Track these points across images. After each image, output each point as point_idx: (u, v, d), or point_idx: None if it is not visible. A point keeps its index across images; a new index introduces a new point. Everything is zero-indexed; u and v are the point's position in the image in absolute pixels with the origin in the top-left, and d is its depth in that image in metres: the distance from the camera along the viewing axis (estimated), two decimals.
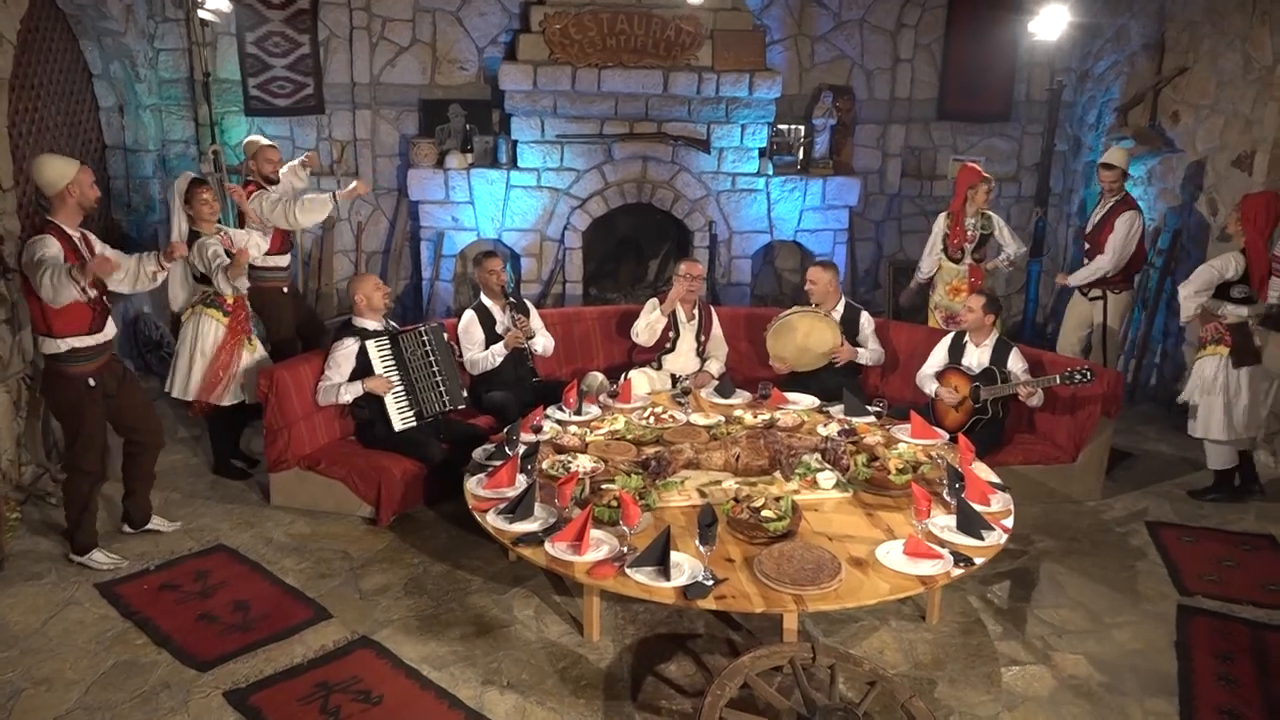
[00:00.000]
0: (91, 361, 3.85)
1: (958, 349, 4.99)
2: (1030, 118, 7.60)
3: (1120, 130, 6.80)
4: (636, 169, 6.75)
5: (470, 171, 6.64)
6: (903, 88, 7.40)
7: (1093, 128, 7.30)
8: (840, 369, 5.27)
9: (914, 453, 4.14)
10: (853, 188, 7.03)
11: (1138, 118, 6.76)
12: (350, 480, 4.38)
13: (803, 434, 4.47)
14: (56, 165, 3.76)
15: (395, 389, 4.49)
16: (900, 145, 7.53)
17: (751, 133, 6.78)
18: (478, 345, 5.02)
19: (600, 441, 4.28)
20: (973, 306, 4.85)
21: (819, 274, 5.26)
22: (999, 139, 7.67)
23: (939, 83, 7.40)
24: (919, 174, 7.63)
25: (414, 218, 6.93)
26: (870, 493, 3.87)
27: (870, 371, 5.54)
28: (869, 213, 7.62)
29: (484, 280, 5.06)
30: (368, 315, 4.55)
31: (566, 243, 6.82)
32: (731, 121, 6.71)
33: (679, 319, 5.29)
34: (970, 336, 4.94)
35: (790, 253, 7.53)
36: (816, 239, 7.13)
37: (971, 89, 7.40)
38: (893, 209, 7.67)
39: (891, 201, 7.65)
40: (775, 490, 3.81)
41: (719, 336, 5.44)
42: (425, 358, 4.56)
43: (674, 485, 3.88)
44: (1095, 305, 5.80)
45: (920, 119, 7.51)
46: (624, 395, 4.91)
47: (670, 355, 5.31)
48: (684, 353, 5.29)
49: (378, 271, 7.00)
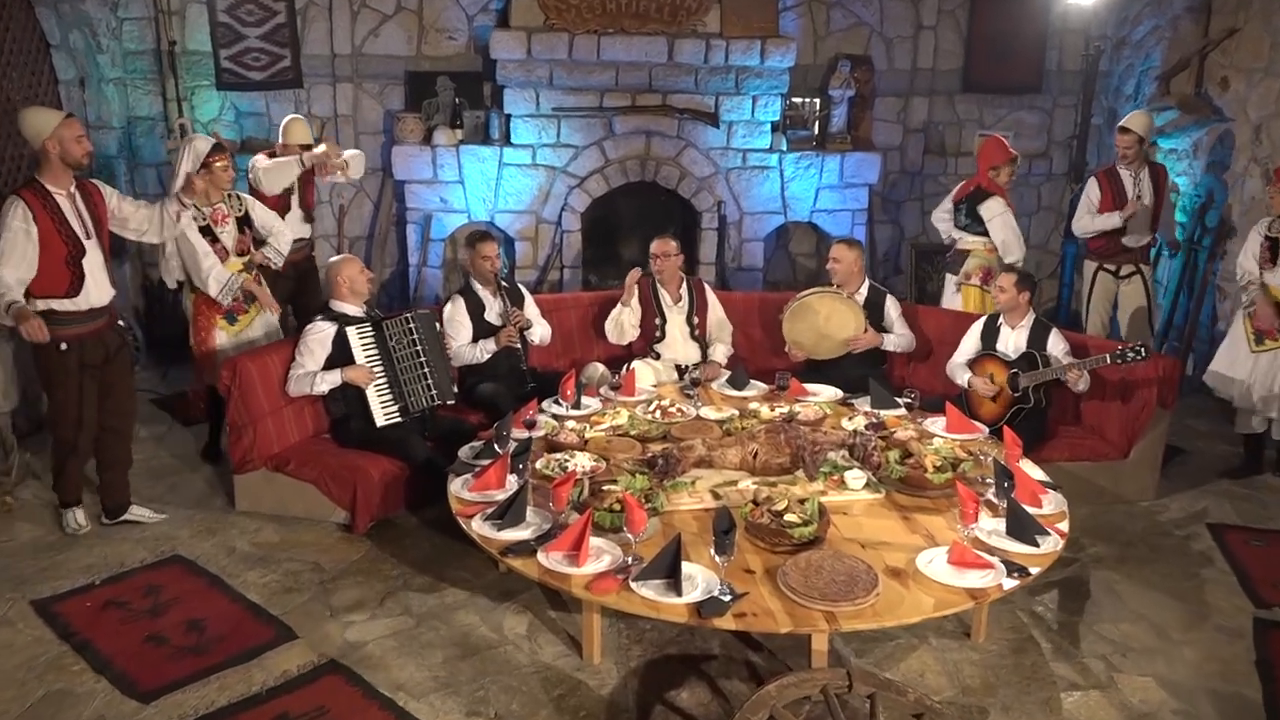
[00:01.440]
0: (69, 327, 3.76)
1: (991, 333, 4.72)
2: (1062, 89, 7.35)
3: (1163, 100, 6.54)
4: (639, 145, 6.57)
5: (460, 149, 6.45)
6: (925, 57, 7.18)
7: (1130, 99, 7.03)
8: (864, 357, 5.03)
9: (951, 448, 3.86)
10: (873, 164, 6.82)
11: (1182, 85, 6.49)
12: (323, 483, 4.16)
13: (826, 428, 4.19)
14: (36, 118, 3.68)
15: (378, 380, 4.29)
16: (922, 119, 7.30)
17: (763, 105, 6.60)
18: (464, 335, 4.81)
19: (601, 438, 4.05)
20: (1004, 285, 4.58)
21: (843, 252, 5.02)
22: (1028, 112, 7.42)
23: (964, 52, 7.17)
24: (942, 150, 7.39)
25: (399, 199, 6.73)
26: (905, 493, 3.60)
27: (896, 360, 5.29)
28: (889, 192, 7.40)
29: (476, 266, 4.86)
30: (349, 300, 4.37)
31: (564, 225, 6.65)
32: (742, 93, 6.53)
33: (663, 303, 5.08)
34: (1004, 319, 4.67)
35: (805, 235, 7.33)
36: (834, 220, 6.93)
37: (999, 58, 7.18)
38: (914, 188, 7.44)
39: (913, 180, 7.42)
40: (799, 491, 3.54)
41: (720, 318, 5.21)
42: (411, 347, 4.37)
43: (684, 486, 3.62)
44: (1130, 282, 5.53)
45: (944, 91, 7.28)
46: (627, 387, 4.67)
47: (664, 344, 5.10)
48: (678, 339, 5.10)
49: (361, 258, 6.50)
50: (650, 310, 5.10)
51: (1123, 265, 5.57)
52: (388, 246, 6.90)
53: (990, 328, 4.73)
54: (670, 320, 5.11)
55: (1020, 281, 4.58)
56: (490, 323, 4.88)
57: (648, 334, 5.11)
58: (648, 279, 5.11)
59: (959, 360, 4.78)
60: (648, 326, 5.10)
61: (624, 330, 5.07)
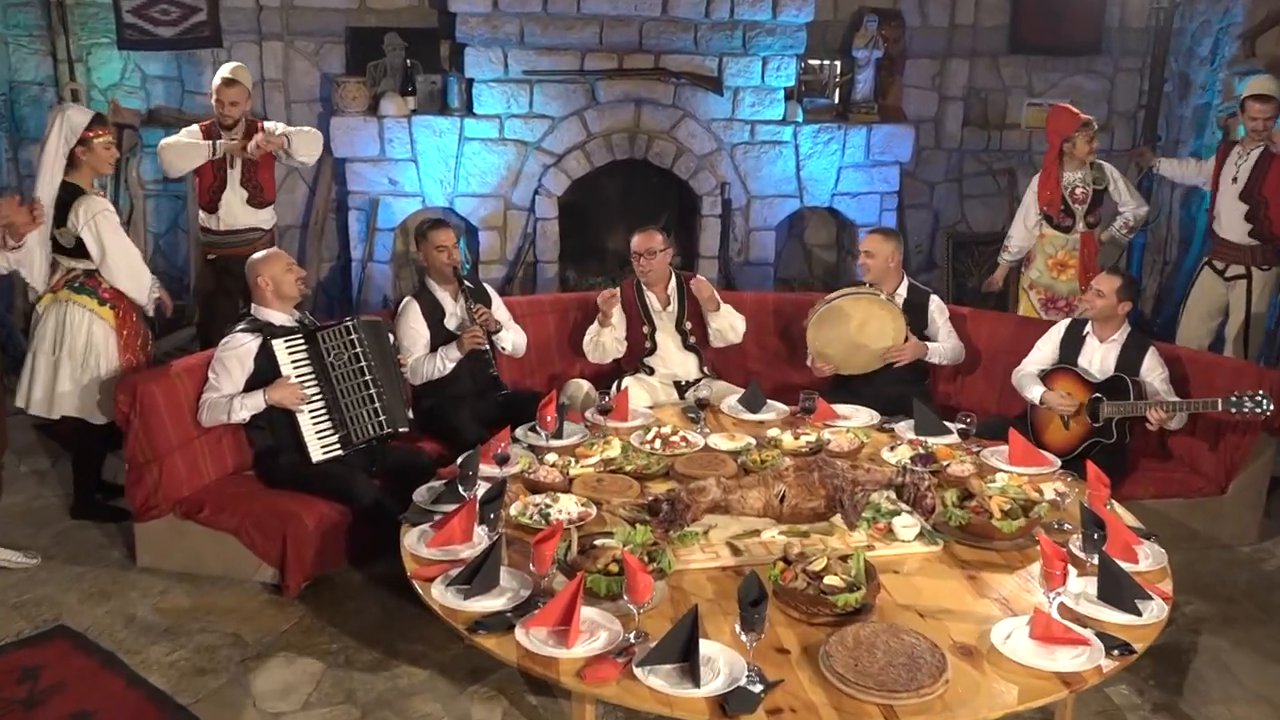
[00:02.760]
0: None
1: (1073, 344, 4.56)
2: (1125, 49, 7.34)
3: (1247, 62, 6.43)
4: (627, 116, 6.54)
5: (412, 120, 6.39)
6: (965, 12, 7.20)
7: (1205, 62, 6.96)
8: (903, 372, 4.90)
9: (1020, 487, 3.67)
10: (904, 138, 6.83)
11: (1270, 45, 6.38)
12: (245, 533, 4.00)
13: (865, 461, 3.99)
14: None
15: (312, 403, 4.14)
16: (962, 86, 7.32)
17: (776, 68, 6.58)
18: (420, 345, 4.67)
19: (589, 476, 3.83)
20: (1103, 290, 4.41)
21: (878, 244, 4.89)
22: (1085, 77, 7.41)
23: (1010, 6, 7.18)
24: (985, 123, 7.38)
25: (340, 181, 6.64)
26: (968, 544, 3.39)
27: (939, 375, 5.17)
28: (922, 171, 7.41)
29: (431, 259, 4.73)
30: (274, 304, 4.23)
31: (538, 211, 6.59)
32: (750, 54, 6.51)
33: (650, 308, 4.98)
34: (1094, 329, 4.51)
35: (823, 223, 7.36)
36: (859, 205, 6.92)
37: (1052, 14, 7.17)
38: (952, 167, 7.45)
39: (950, 158, 7.42)
40: (837, 544, 3.34)
41: (726, 309, 5.02)
42: (354, 362, 4.22)
43: (694, 538, 3.39)
44: (1235, 286, 5.40)
45: (986, 52, 7.28)
46: (619, 410, 4.47)
47: (655, 357, 5.00)
48: (671, 351, 5.00)
49: (294, 252, 6.64)
50: (636, 318, 5.00)
51: (1231, 264, 5.41)
52: (325, 238, 6.80)
53: (1073, 336, 4.57)
54: (661, 329, 5.00)
55: (1124, 289, 4.40)
56: (451, 330, 4.73)
57: (635, 347, 5.02)
58: (632, 281, 5.01)
59: (1031, 369, 4.62)
60: (635, 338, 5.01)
61: (606, 350, 4.99)
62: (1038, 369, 4.59)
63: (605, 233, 7.06)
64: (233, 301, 5.16)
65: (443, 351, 4.63)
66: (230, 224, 5.31)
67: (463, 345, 4.60)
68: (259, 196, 5.36)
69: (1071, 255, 5.49)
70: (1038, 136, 7.19)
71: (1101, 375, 4.41)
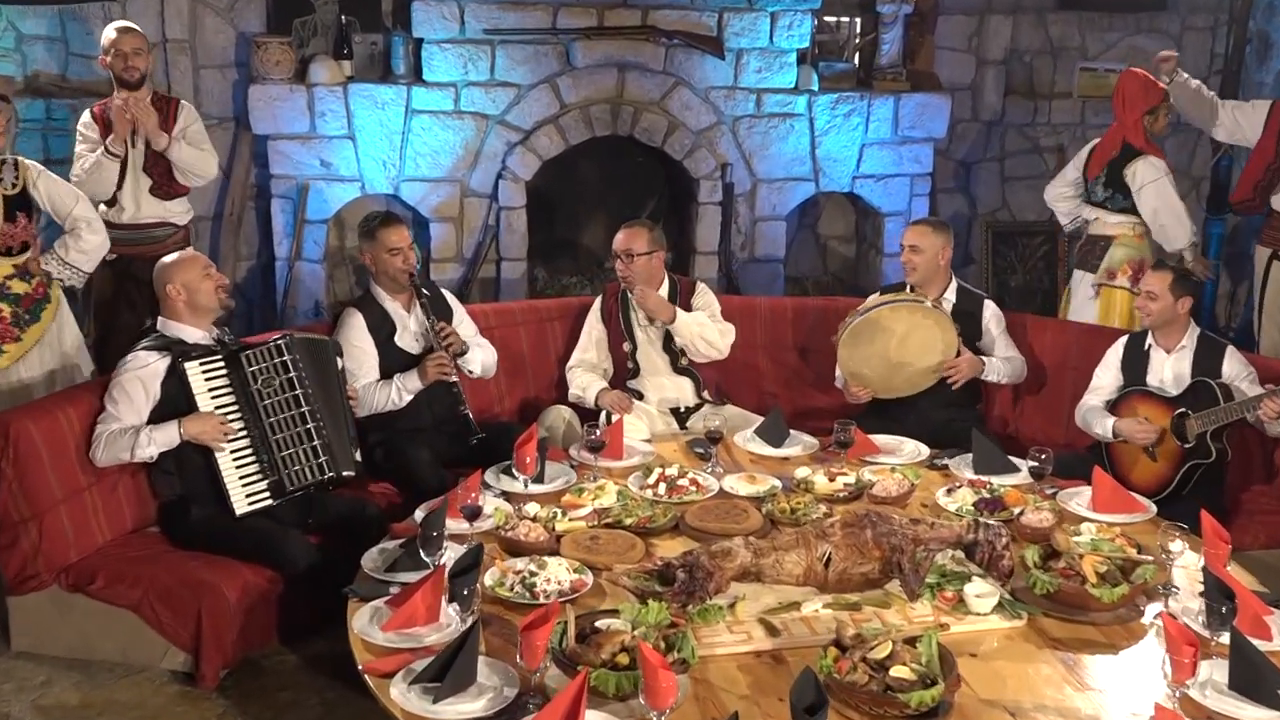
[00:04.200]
0: None
1: (1136, 362, 4.53)
2: (1193, 5, 7.38)
3: None
4: (609, 83, 6.48)
5: (349, 89, 6.29)
6: None
7: None
8: (949, 393, 4.83)
9: (1116, 541, 3.55)
10: (939, 110, 6.86)
11: None
12: (149, 608, 3.82)
13: (916, 508, 3.94)
14: None
15: (235, 439, 4.03)
16: (1003, 48, 7.27)
17: (786, 26, 6.55)
18: (367, 371, 4.56)
19: (580, 532, 3.70)
20: (1154, 289, 4.40)
21: (924, 237, 4.84)
22: (1147, 37, 7.36)
23: None
24: (1030, 91, 7.36)
25: (261, 162, 6.53)
26: (1058, 616, 3.28)
27: (996, 396, 5.13)
28: (955, 150, 7.40)
29: (380, 264, 4.63)
30: (187, 319, 4.14)
31: (502, 199, 6.50)
32: (756, 9, 6.50)
33: (633, 322, 4.91)
34: (1156, 339, 4.49)
35: (839, 211, 7.33)
36: (884, 189, 6.92)
37: None
38: (991, 144, 7.42)
39: (990, 132, 7.40)
40: (896, 619, 3.22)
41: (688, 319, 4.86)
42: (287, 389, 4.11)
43: (718, 613, 3.25)
44: None
45: (1032, 7, 7.28)
46: (612, 446, 4.34)
47: (640, 380, 4.95)
48: (659, 374, 4.93)
49: (204, 248, 6.46)
50: (618, 333, 4.92)
51: None
52: (242, 231, 6.69)
53: (1134, 355, 4.54)
54: (644, 345, 4.92)
55: (1177, 284, 4.39)
56: (404, 350, 4.62)
57: (618, 368, 4.97)
58: (617, 286, 4.96)
59: (1093, 402, 4.58)
60: (617, 357, 4.95)
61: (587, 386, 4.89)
62: (1102, 400, 4.56)
63: (582, 225, 7.05)
64: (137, 314, 5.03)
65: (399, 381, 4.54)
66: (133, 217, 5.17)
67: (426, 375, 4.50)
68: (167, 185, 5.22)
69: None
70: (1092, 107, 7.33)
71: (1178, 388, 4.38)
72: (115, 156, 5.01)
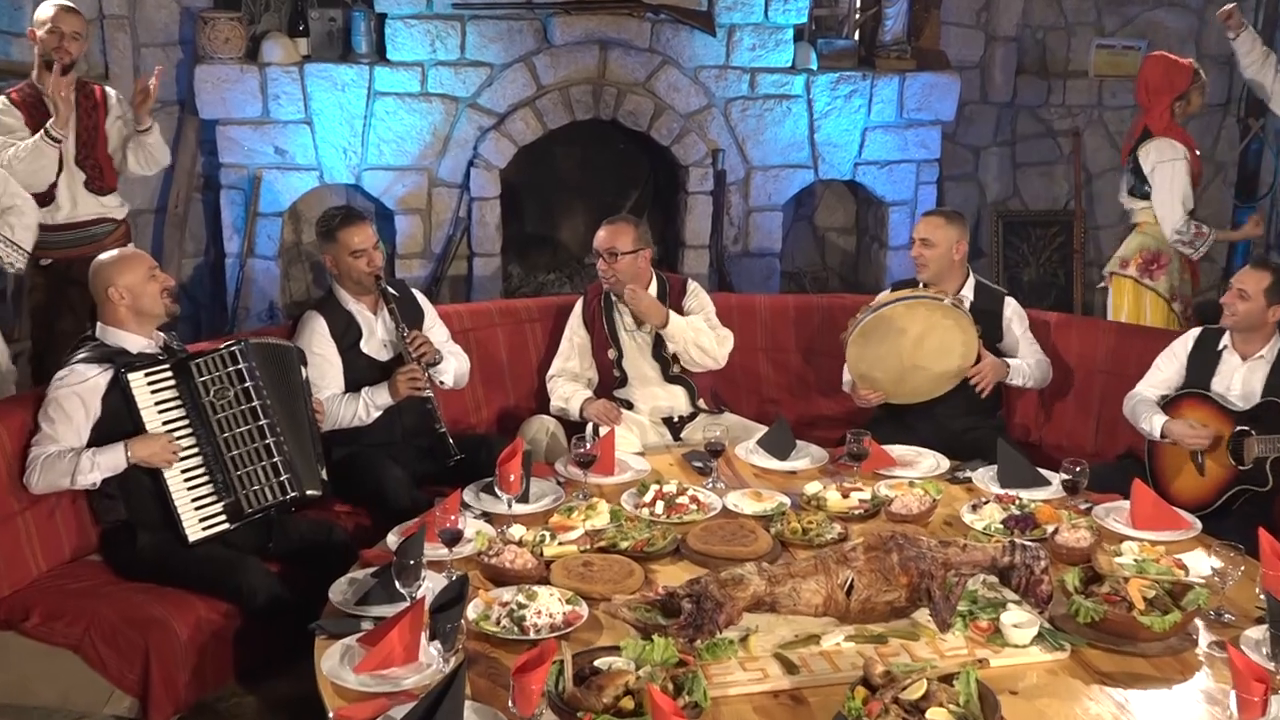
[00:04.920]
0: None
1: (1206, 362, 4.44)
2: None
3: None
4: (590, 63, 6.48)
5: (305, 69, 6.27)
6: None
7: None
8: (968, 399, 4.80)
9: (1162, 561, 3.50)
10: (948, 90, 6.89)
11: None
12: (91, 647, 3.72)
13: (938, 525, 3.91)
14: None
15: (186, 460, 3.96)
16: (1014, 23, 7.29)
17: (782, 1, 6.57)
18: (330, 383, 4.51)
19: (572, 558, 3.66)
20: (1247, 289, 4.28)
21: (937, 229, 4.82)
22: (1168, 12, 7.49)
23: None
24: (1043, 70, 7.43)
25: (208, 150, 6.50)
26: (1104, 647, 3.22)
27: (1018, 402, 5.12)
28: (963, 134, 7.46)
29: (344, 265, 4.57)
30: (131, 325, 4.05)
31: (474, 189, 6.49)
32: None
33: (617, 326, 4.89)
34: (1233, 341, 4.39)
35: (838, 200, 7.37)
36: (889, 177, 6.96)
37: None
38: (1002, 128, 7.49)
39: (1000, 115, 7.46)
40: (926, 651, 3.18)
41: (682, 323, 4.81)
42: (243, 401, 4.04)
43: (730, 649, 3.20)
44: None
45: None
46: (604, 460, 4.31)
47: (628, 389, 4.93)
48: (648, 383, 4.91)
49: (146, 245, 6.43)
50: (602, 339, 4.89)
51: None
52: (188, 226, 6.63)
53: (1205, 353, 4.44)
54: (630, 353, 4.88)
55: (1276, 288, 4.26)
56: (372, 357, 4.57)
57: (603, 376, 4.95)
58: (599, 286, 4.94)
59: (1148, 393, 4.50)
60: (602, 364, 4.93)
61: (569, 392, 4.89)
62: (1157, 394, 4.49)
63: (560, 217, 7.06)
64: (78, 320, 4.96)
65: (368, 396, 4.49)
66: (70, 216, 5.09)
67: (397, 389, 4.45)
68: (100, 179, 5.14)
69: None
70: (1110, 87, 7.38)
71: (1245, 403, 4.30)
72: (56, 142, 4.90)
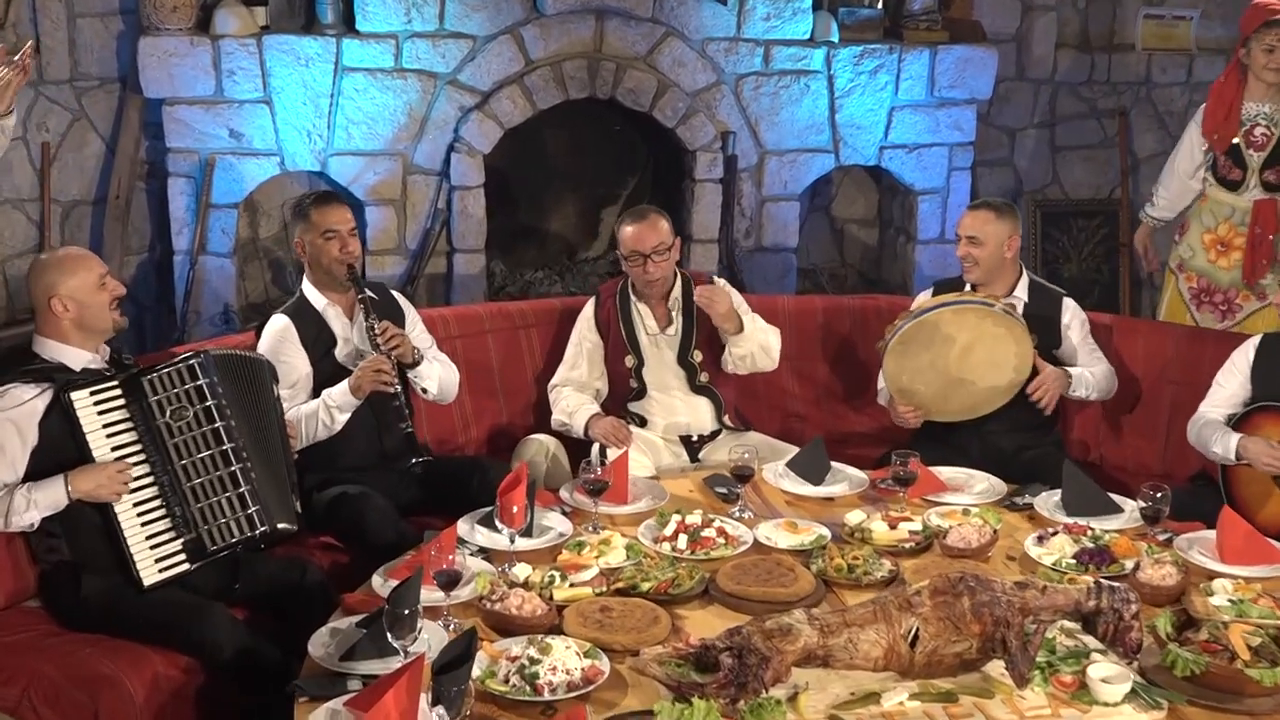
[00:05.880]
0: None
1: (1273, 369, 4.39)
2: None
3: None
4: (585, 34, 6.45)
5: (264, 41, 6.18)
6: None
7: None
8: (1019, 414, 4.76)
9: (1260, 602, 3.44)
10: (984, 65, 6.83)
11: None
12: (30, 710, 3.58)
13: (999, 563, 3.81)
14: None
15: (138, 489, 3.87)
16: None
17: None
18: (300, 388, 4.47)
19: (587, 602, 3.56)
20: None
21: (986, 224, 4.77)
22: None
23: None
24: (1086, 42, 7.47)
25: (154, 134, 6.41)
26: (1206, 706, 3.11)
27: (1076, 417, 5.08)
28: (997, 114, 7.46)
29: (315, 253, 4.54)
30: (74, 339, 3.96)
31: (454, 177, 6.45)
32: None
33: (637, 330, 4.87)
34: None
35: (857, 188, 7.40)
36: (918, 162, 6.93)
37: None
38: (1040, 107, 7.50)
39: (1038, 93, 7.47)
40: (1003, 711, 3.10)
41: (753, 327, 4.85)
42: (204, 421, 3.94)
43: (777, 711, 3.09)
44: None
45: None
46: (617, 487, 4.22)
47: (645, 402, 4.91)
48: (671, 395, 4.90)
49: (84, 241, 6.40)
50: (618, 345, 4.85)
51: None
52: (131, 219, 6.54)
53: (1273, 359, 4.40)
54: (651, 361, 4.84)
55: None
56: (346, 367, 4.52)
57: (619, 387, 4.92)
58: (613, 288, 4.95)
59: (1213, 415, 4.46)
60: (617, 373, 4.89)
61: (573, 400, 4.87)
62: (1223, 414, 4.46)
63: (548, 208, 7.06)
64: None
65: (327, 397, 4.39)
66: None
67: (360, 384, 4.34)
68: None
69: (1238, 230, 5.45)
70: (1159, 62, 7.42)
71: None
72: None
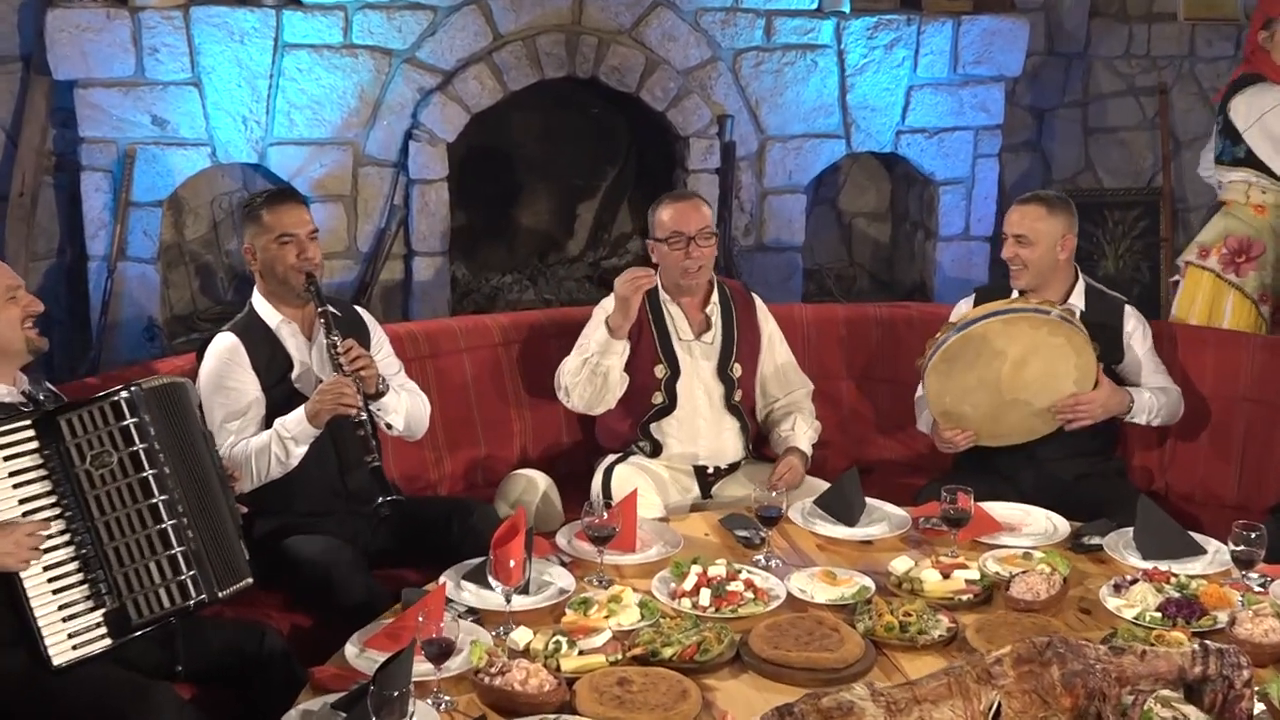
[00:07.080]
0: None
1: None
2: None
3: None
4: (562, 5, 6.53)
5: (192, 14, 6.16)
6: None
7: None
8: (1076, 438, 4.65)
9: None
10: (1014, 37, 6.94)
11: None
12: None
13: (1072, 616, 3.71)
14: None
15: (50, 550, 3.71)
16: None
17: None
18: (250, 418, 4.33)
19: (602, 673, 3.43)
20: None
21: (1038, 221, 4.69)
22: None
23: None
24: (1123, 13, 7.67)
25: (63, 121, 6.39)
26: None
27: (1134, 440, 5.01)
28: (1023, 92, 7.73)
29: (267, 256, 4.41)
30: None
31: (413, 169, 6.48)
32: None
33: (671, 333, 4.86)
34: None
35: (868, 178, 7.55)
36: (939, 149, 7.04)
37: None
38: (1071, 84, 7.67)
39: (1070, 69, 7.65)
40: None
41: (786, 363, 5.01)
42: (131, 469, 3.79)
43: None
44: None
45: None
46: (624, 533, 4.12)
47: (671, 419, 4.83)
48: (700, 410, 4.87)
49: None
50: (649, 352, 4.79)
51: None
52: (37, 219, 6.47)
53: None
54: (687, 370, 4.81)
55: None
56: (305, 394, 4.37)
57: (641, 399, 4.84)
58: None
59: None
60: (642, 386, 4.81)
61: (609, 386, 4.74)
62: None
63: (517, 203, 7.11)
64: None
65: (280, 427, 4.25)
66: None
67: (319, 410, 4.22)
68: None
69: None
70: (1203, 34, 7.54)
71: None
72: None
